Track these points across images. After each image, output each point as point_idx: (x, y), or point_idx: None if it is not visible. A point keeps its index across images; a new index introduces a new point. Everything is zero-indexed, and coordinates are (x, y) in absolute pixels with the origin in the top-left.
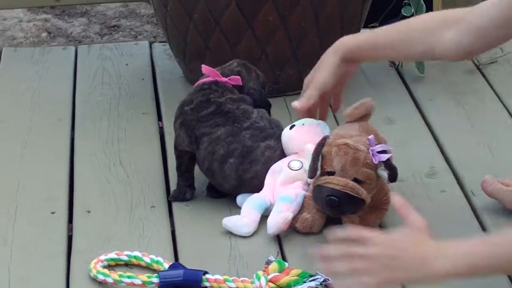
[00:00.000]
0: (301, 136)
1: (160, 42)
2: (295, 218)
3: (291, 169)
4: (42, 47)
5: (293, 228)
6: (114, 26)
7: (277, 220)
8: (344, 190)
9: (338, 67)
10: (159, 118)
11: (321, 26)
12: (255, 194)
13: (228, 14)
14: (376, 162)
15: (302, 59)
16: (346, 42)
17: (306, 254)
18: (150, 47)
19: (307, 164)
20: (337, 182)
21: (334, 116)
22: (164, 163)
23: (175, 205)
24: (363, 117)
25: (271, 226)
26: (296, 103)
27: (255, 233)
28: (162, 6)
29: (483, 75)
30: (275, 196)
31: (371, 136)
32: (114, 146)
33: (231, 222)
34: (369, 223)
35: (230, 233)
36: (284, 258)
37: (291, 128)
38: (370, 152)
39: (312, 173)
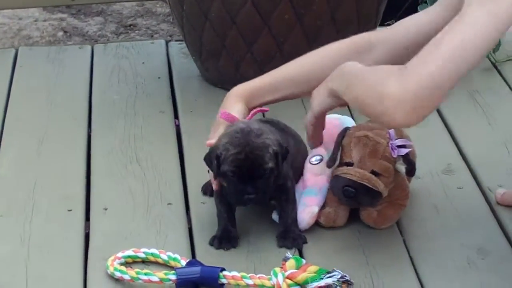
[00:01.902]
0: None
1: (176, 40)
2: (318, 213)
3: (311, 163)
4: (58, 46)
5: (316, 224)
6: (130, 25)
7: (304, 216)
8: (360, 181)
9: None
10: (176, 116)
11: (337, 23)
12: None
13: (244, 12)
14: (395, 156)
15: None
16: (243, 87)
17: (324, 251)
18: (167, 45)
19: (327, 156)
20: (354, 173)
21: (350, 111)
22: (180, 161)
23: (192, 203)
24: None
25: (299, 222)
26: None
27: (271, 229)
28: (178, 5)
29: (500, 73)
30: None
31: (391, 130)
32: (131, 144)
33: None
34: (387, 218)
35: (247, 230)
36: (301, 255)
37: None
38: (390, 145)
39: (331, 162)
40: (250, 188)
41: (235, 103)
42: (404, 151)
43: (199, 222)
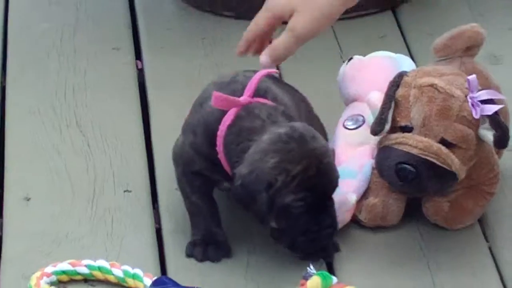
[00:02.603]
0: (363, 75)
1: None
2: (358, 205)
3: (345, 127)
4: None
5: (352, 221)
6: None
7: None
8: (424, 156)
9: None
10: (137, 56)
11: None
12: None
13: None
14: (477, 117)
15: None
16: None
17: (366, 264)
18: None
19: (371, 118)
20: (415, 143)
21: (408, 48)
22: (144, 125)
23: (162, 189)
24: (466, 51)
25: None
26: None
27: None
28: None
29: None
30: None
31: (472, 76)
32: (68, 99)
33: None
34: (465, 213)
35: (245, 230)
36: (330, 270)
37: (348, 62)
38: (469, 100)
39: (378, 127)
40: (328, 219)
41: None
42: (492, 108)
43: (173, 219)
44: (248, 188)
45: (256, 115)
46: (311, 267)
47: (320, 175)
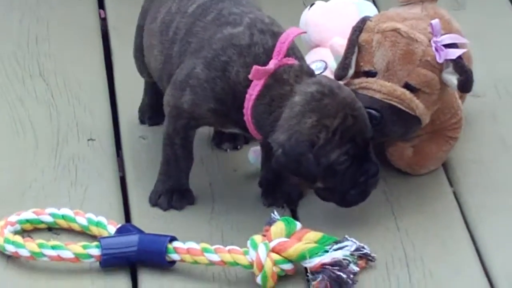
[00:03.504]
0: (326, 20)
1: None
2: None
3: None
4: None
5: None
6: None
7: None
8: (388, 101)
9: None
10: (100, 5)
11: None
12: None
13: None
14: (440, 61)
15: None
16: None
17: (330, 210)
18: None
19: (334, 64)
20: (378, 87)
21: None
22: (108, 74)
23: (125, 138)
24: None
25: None
26: None
27: (248, 179)
28: None
29: None
30: None
31: (435, 21)
32: (31, 48)
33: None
34: (429, 158)
35: (209, 176)
36: (294, 216)
37: (310, 7)
38: (433, 44)
39: (341, 72)
40: (373, 167)
41: None
42: (455, 53)
43: (137, 167)
44: (291, 154)
45: (284, 81)
46: (275, 213)
47: (357, 122)
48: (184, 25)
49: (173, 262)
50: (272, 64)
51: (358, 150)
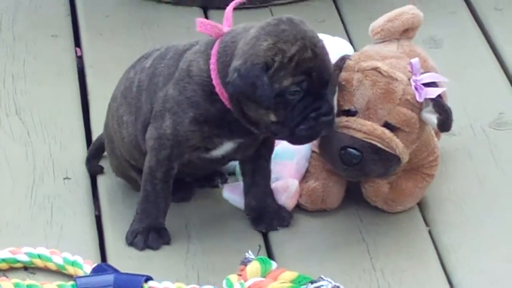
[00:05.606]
0: None
1: None
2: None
3: None
4: None
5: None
6: None
7: (279, 197)
8: (369, 140)
9: None
10: (77, 43)
11: None
12: None
13: None
14: (420, 100)
15: None
16: None
17: (306, 248)
18: None
19: None
20: (359, 127)
21: (346, 30)
22: (84, 112)
23: (102, 177)
24: (404, 33)
25: None
26: None
27: (223, 217)
28: None
29: None
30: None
31: (414, 60)
32: (7, 86)
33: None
34: (405, 195)
35: (185, 216)
36: (270, 255)
37: None
38: (412, 83)
39: None
40: (325, 105)
41: None
42: (435, 92)
43: (112, 206)
44: (247, 77)
45: (236, 31)
46: (250, 252)
47: (316, 58)
48: (146, 75)
49: None
50: (223, 27)
51: (313, 87)
